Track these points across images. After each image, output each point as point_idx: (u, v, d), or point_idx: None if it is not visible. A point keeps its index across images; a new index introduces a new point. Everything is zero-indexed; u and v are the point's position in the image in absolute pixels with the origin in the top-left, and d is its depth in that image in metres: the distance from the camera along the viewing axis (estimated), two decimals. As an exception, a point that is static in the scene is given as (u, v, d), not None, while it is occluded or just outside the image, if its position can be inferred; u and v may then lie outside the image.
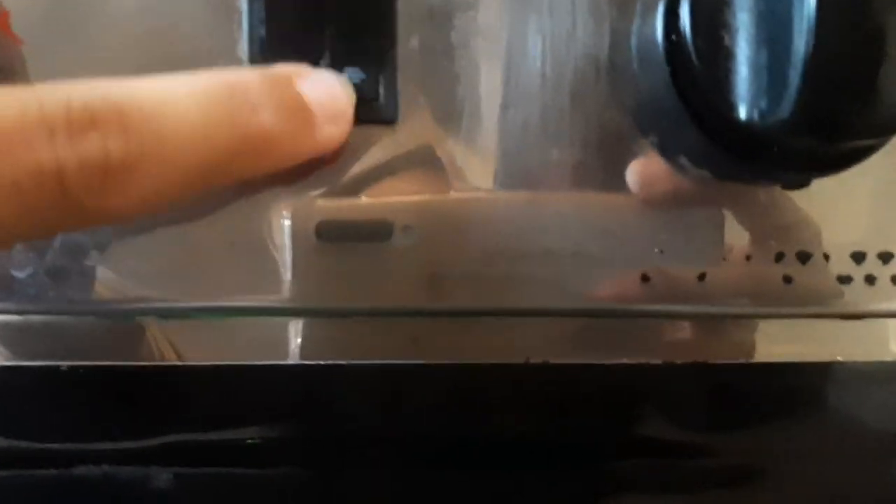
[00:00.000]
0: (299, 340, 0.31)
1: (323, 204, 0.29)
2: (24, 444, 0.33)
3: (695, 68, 0.27)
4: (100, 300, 0.29)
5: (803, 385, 0.34)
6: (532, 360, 0.32)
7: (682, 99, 0.28)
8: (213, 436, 0.34)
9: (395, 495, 0.35)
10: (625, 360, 0.32)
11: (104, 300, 0.29)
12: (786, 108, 0.25)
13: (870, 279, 0.31)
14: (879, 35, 0.25)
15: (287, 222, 0.29)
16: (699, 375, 0.33)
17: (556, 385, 0.33)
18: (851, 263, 0.31)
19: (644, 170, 0.30)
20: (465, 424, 0.34)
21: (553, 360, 0.32)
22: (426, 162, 0.29)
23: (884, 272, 0.31)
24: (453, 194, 0.29)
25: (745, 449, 0.35)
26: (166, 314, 0.30)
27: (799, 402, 0.34)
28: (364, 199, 0.29)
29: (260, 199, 0.29)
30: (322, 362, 0.31)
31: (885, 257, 0.31)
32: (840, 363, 0.32)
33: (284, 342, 0.31)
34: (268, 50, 0.28)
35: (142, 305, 0.30)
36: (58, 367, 0.31)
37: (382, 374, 0.32)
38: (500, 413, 0.34)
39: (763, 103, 0.26)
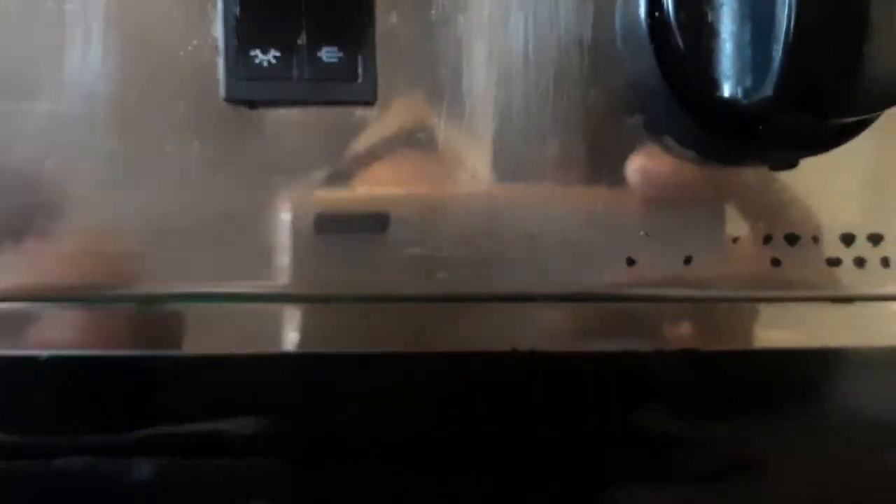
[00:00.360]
0: (291, 330, 0.31)
1: (319, 195, 0.29)
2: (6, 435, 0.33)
3: (678, 46, 0.27)
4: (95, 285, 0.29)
5: (794, 371, 0.33)
6: (519, 349, 0.31)
7: (666, 78, 0.28)
8: (202, 426, 0.33)
9: (389, 482, 0.34)
10: (614, 348, 0.32)
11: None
12: (770, 85, 0.25)
13: (859, 262, 0.31)
14: (863, 8, 0.24)
15: (286, 215, 0.29)
16: (689, 362, 0.33)
17: (546, 373, 0.33)
18: (841, 245, 0.31)
19: (644, 167, 0.29)
20: (455, 413, 0.34)
21: (541, 349, 0.32)
22: (410, 146, 0.29)
23: (874, 254, 0.31)
24: (443, 187, 0.29)
25: (735, 436, 0.34)
26: (164, 300, 0.30)
27: (790, 388, 0.33)
28: (356, 191, 0.29)
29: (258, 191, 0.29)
30: (314, 350, 0.31)
31: (874, 239, 0.31)
32: (832, 349, 0.32)
33: (275, 331, 0.31)
34: (243, 30, 0.27)
35: (134, 291, 0.29)
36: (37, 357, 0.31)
37: (375, 362, 0.31)
38: (489, 402, 0.34)
39: (747, 80, 0.26)
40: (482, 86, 0.29)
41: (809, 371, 0.33)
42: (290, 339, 0.31)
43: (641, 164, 0.29)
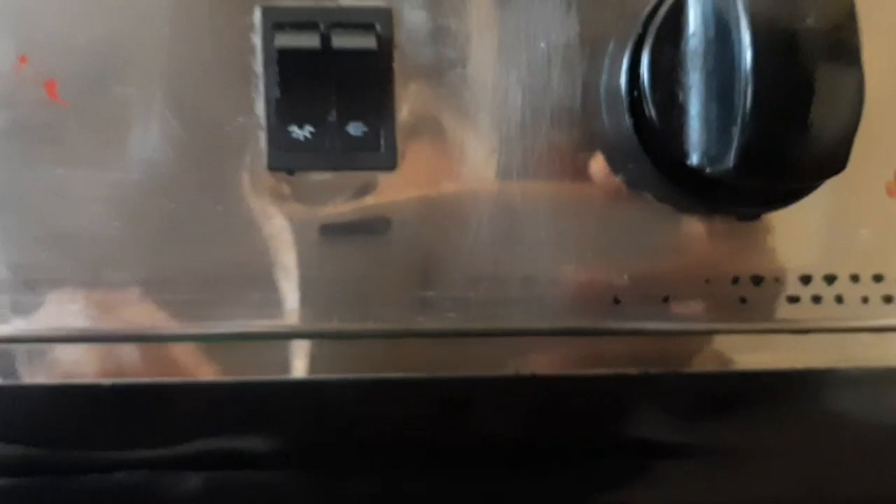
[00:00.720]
0: (301, 358, 0.35)
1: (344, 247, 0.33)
2: (73, 452, 0.38)
3: (653, 120, 0.31)
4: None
5: (759, 389, 0.38)
6: (521, 373, 0.36)
7: (643, 145, 0.32)
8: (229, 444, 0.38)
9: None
10: (604, 371, 0.36)
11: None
12: (730, 158, 0.29)
13: (816, 299, 0.35)
14: (807, 94, 0.29)
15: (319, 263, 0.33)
16: (671, 383, 0.37)
17: (545, 394, 0.38)
18: (800, 285, 0.35)
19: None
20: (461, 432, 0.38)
21: (540, 373, 0.36)
22: (424, 204, 0.33)
23: (828, 292, 0.35)
24: (453, 236, 0.33)
25: (711, 442, 0.39)
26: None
27: (756, 402, 0.38)
28: (375, 239, 0.33)
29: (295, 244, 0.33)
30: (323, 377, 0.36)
31: (829, 279, 0.35)
32: (791, 371, 0.36)
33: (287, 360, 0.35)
34: (281, 109, 0.32)
35: (190, 332, 0.34)
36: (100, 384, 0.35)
37: (385, 387, 0.36)
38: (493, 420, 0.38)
39: (712, 152, 0.30)
40: (486, 152, 0.33)
41: (773, 389, 0.38)
42: (318, 368, 0.35)
43: (626, 218, 0.34)
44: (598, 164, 0.34)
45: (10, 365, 0.34)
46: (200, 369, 0.34)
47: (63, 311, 0.33)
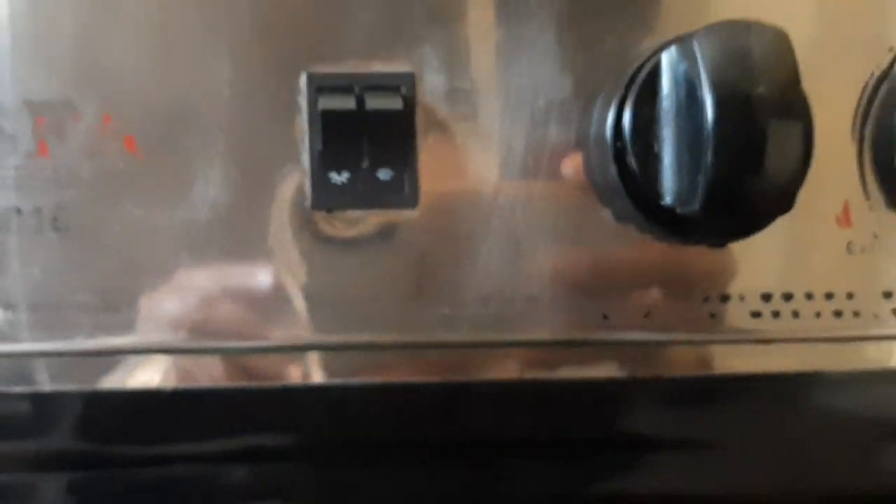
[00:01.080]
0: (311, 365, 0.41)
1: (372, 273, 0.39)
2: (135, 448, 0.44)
3: (634, 167, 0.37)
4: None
5: (726, 391, 0.44)
6: (524, 378, 0.42)
7: (625, 187, 0.38)
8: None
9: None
10: (596, 376, 0.42)
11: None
12: (697, 201, 0.34)
13: (775, 314, 0.41)
14: (761, 147, 0.34)
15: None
16: (654, 386, 0.43)
17: (548, 395, 0.43)
18: (761, 302, 0.41)
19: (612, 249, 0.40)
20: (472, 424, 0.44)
21: (541, 377, 0.42)
22: (439, 235, 0.39)
23: (786, 308, 0.41)
24: (467, 261, 0.39)
25: (687, 435, 0.45)
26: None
27: (724, 401, 0.44)
28: (398, 263, 0.39)
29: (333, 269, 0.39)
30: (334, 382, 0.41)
31: (787, 297, 0.41)
32: (753, 375, 0.42)
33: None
34: (323, 158, 0.38)
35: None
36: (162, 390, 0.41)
37: (394, 390, 0.42)
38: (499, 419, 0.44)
39: (682, 195, 0.35)
40: (493, 191, 0.39)
41: (739, 391, 0.44)
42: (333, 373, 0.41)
43: (613, 247, 0.40)
44: (589, 202, 0.39)
45: (90, 374, 0.40)
46: (237, 377, 0.40)
47: (137, 328, 0.39)
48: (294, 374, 0.40)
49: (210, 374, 0.39)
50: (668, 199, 0.36)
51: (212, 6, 0.37)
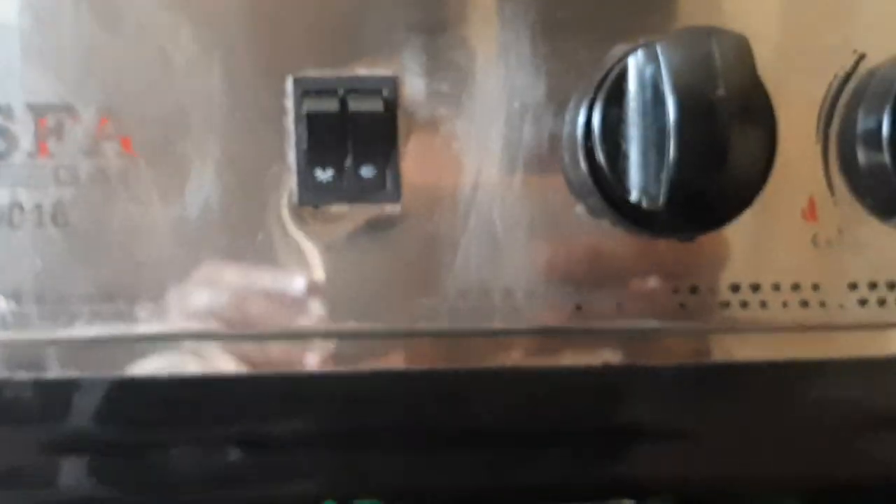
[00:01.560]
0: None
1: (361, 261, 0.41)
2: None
3: (603, 165, 0.39)
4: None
5: (694, 378, 0.46)
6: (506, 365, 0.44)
7: (596, 184, 0.40)
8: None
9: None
10: (571, 363, 0.44)
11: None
12: (662, 197, 0.36)
13: (743, 304, 0.42)
14: (721, 147, 0.36)
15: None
16: (626, 373, 0.45)
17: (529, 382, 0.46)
18: (730, 293, 0.43)
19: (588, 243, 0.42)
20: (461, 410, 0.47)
21: (524, 365, 0.44)
22: (422, 230, 0.41)
23: (754, 298, 0.43)
24: (447, 253, 0.41)
25: (661, 417, 0.47)
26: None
27: (693, 386, 0.46)
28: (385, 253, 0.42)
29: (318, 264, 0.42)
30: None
31: (754, 287, 0.43)
32: (722, 363, 0.44)
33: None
34: (309, 157, 0.40)
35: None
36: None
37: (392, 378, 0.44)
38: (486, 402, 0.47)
39: (649, 191, 0.37)
40: (471, 189, 0.41)
41: (706, 377, 0.46)
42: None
43: (586, 241, 0.42)
44: (562, 198, 0.42)
45: (94, 361, 0.42)
46: (243, 365, 0.42)
47: (133, 319, 0.41)
48: (284, 362, 0.42)
49: (210, 362, 0.41)
50: (634, 195, 0.38)
51: (204, 17, 0.39)
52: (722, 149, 0.36)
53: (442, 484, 0.49)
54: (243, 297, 0.40)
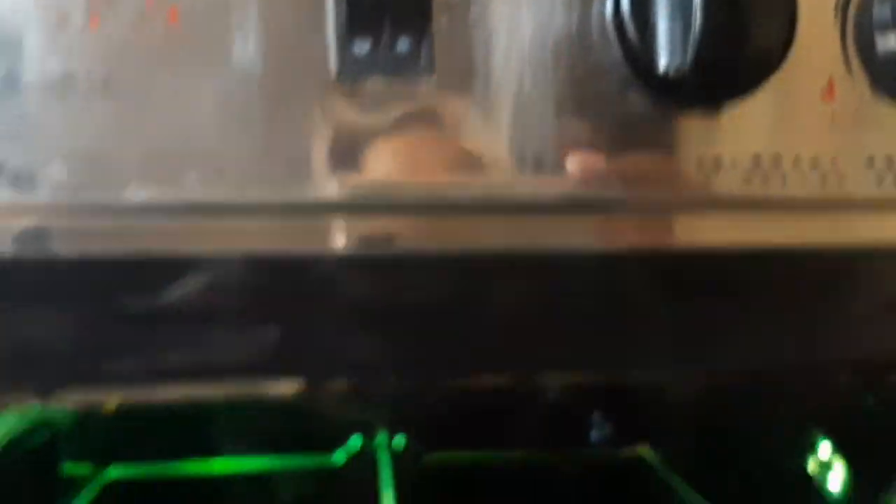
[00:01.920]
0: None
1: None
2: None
3: (632, 38, 0.41)
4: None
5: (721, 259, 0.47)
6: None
7: (625, 58, 0.42)
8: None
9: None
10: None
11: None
12: (688, 61, 0.39)
13: (764, 177, 0.45)
14: (745, 14, 0.38)
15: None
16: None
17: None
18: (752, 165, 0.45)
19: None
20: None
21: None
22: (457, 97, 0.43)
23: (775, 172, 0.45)
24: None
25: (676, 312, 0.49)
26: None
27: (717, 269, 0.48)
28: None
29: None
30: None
31: (775, 160, 0.45)
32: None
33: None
34: (348, 29, 0.41)
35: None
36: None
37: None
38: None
39: (676, 59, 0.39)
40: (503, 63, 0.43)
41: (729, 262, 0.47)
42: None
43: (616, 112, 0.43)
44: (591, 72, 0.43)
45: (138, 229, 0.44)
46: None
47: (175, 183, 0.43)
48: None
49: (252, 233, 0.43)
50: (662, 64, 0.39)
51: None
52: (745, 16, 0.38)
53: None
54: (281, 164, 0.42)
